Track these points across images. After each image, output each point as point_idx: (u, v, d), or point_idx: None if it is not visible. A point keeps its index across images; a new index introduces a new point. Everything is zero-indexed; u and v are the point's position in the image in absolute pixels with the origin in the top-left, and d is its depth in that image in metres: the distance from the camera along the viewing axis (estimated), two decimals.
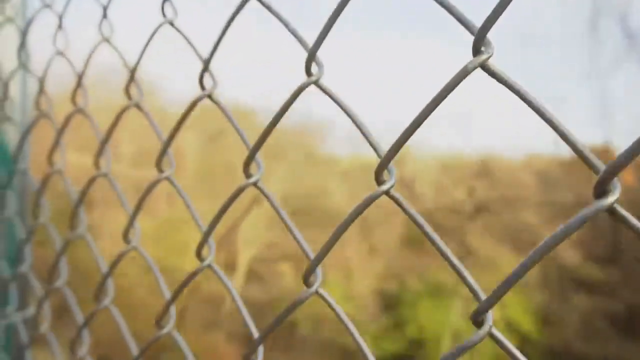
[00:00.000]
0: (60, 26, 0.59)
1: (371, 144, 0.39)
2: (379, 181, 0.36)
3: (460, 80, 0.35)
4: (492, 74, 0.34)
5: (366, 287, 8.02)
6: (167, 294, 0.52)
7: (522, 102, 0.29)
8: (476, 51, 0.35)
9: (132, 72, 0.55)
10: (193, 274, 0.46)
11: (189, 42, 0.48)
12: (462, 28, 0.30)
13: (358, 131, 0.34)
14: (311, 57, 0.40)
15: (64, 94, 0.86)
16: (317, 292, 0.36)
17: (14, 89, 0.82)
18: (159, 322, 0.49)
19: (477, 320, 0.33)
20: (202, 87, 0.43)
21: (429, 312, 6.84)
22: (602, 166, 0.28)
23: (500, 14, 0.33)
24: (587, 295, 5.31)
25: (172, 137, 0.49)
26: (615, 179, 0.27)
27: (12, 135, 0.79)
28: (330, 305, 0.42)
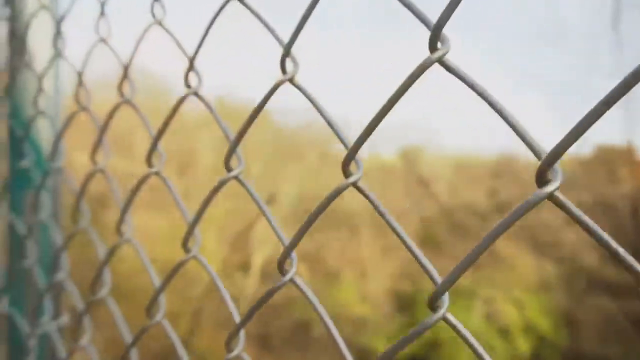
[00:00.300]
0: (102, 13, 0.57)
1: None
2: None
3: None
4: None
5: (381, 288, 7.99)
6: (235, 311, 0.52)
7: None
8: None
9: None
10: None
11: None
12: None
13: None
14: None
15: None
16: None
17: (46, 81, 0.78)
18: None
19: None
20: (284, 71, 0.43)
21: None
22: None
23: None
24: (607, 297, 5.24)
25: (244, 131, 0.48)
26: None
27: (44, 132, 0.75)
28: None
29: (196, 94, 0.43)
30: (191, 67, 0.44)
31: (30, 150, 0.73)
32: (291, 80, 0.40)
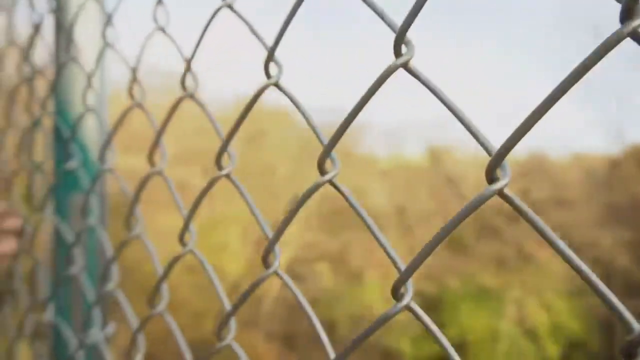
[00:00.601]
0: (160, 1, 0.52)
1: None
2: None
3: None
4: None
5: None
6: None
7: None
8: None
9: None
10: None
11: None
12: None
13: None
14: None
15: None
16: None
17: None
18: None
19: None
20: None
21: (471, 315, 6.70)
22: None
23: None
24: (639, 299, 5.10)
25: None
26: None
27: (90, 130, 0.70)
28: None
29: (277, 84, 0.42)
30: (271, 58, 0.43)
31: (77, 150, 0.69)
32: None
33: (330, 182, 0.40)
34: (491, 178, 0.30)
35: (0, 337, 0.85)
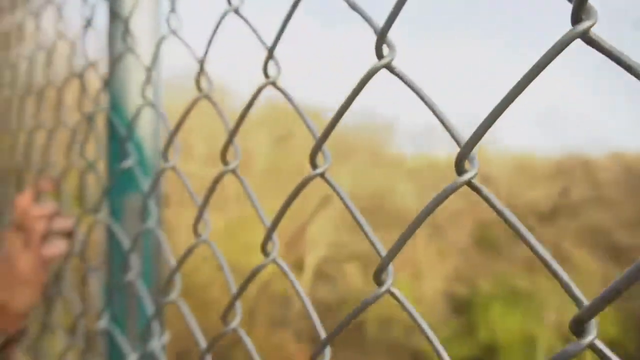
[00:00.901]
0: None
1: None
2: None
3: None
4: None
5: (435, 289, 7.86)
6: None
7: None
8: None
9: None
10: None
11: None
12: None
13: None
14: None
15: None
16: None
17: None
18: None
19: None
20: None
21: (503, 317, 6.58)
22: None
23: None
24: None
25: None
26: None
27: (146, 126, 0.65)
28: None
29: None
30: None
31: (133, 148, 0.63)
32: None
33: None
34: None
35: (50, 342, 0.83)
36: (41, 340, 0.81)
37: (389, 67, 0.35)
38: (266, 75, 0.43)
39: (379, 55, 0.35)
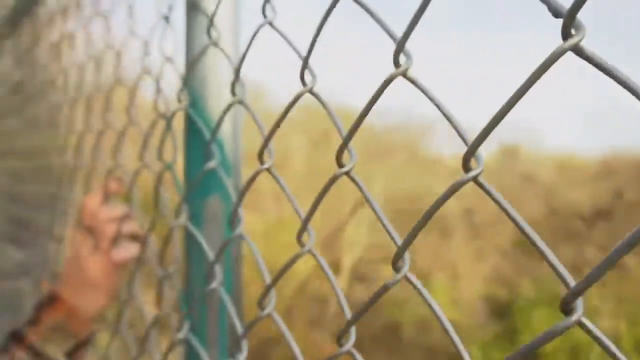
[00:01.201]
0: None
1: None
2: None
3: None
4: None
5: (474, 292, 7.71)
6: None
7: None
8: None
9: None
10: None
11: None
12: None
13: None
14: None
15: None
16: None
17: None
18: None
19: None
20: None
21: (545, 322, 6.39)
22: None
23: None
24: None
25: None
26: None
27: (226, 124, 0.62)
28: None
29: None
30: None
31: (216, 148, 0.59)
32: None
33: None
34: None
35: (123, 352, 0.81)
36: (110, 348, 0.79)
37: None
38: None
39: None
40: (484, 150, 0.33)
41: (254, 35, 0.49)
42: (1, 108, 2.12)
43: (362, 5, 0.42)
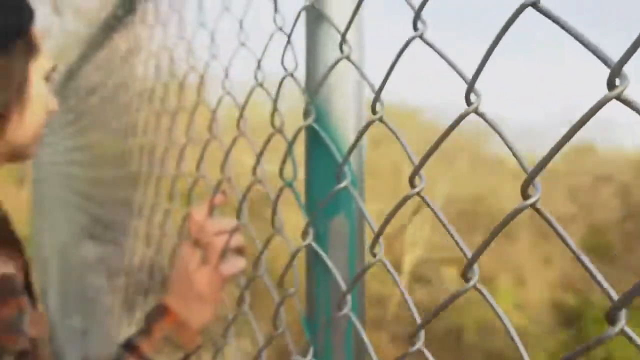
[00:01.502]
0: None
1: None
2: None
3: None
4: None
5: (540, 297, 7.41)
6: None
7: None
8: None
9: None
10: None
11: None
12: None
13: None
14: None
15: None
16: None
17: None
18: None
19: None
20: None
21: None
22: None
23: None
24: None
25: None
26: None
27: (349, 140, 0.60)
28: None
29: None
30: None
31: (349, 167, 0.57)
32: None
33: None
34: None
35: None
36: None
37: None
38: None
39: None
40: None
41: (402, 49, 0.47)
42: (92, 117, 2.25)
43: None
